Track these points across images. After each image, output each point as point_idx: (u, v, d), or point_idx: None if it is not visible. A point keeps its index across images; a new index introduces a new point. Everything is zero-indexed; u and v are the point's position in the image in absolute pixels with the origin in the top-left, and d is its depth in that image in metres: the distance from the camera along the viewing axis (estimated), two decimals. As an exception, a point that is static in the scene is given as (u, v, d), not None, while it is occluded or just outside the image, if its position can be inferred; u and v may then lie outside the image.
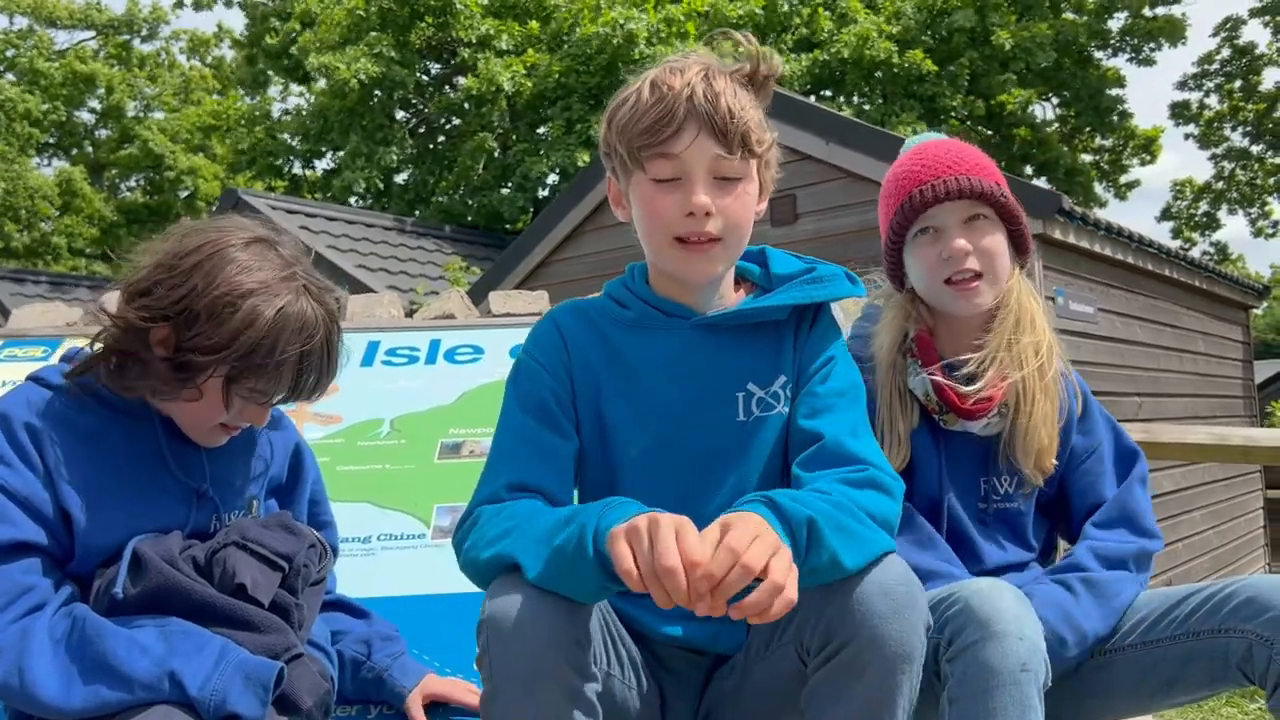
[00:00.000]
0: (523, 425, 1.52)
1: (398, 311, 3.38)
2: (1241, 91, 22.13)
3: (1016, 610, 1.43)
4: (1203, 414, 8.86)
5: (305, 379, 1.50)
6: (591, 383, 1.56)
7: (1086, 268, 6.97)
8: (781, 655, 1.41)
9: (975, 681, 1.39)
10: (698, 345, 1.55)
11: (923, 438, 1.78)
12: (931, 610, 1.47)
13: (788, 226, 7.18)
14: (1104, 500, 1.83)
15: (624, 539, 1.17)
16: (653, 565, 1.13)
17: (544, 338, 1.60)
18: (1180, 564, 8.08)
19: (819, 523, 1.24)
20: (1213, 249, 24.42)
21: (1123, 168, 20.40)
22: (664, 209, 1.48)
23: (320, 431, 2.79)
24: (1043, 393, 1.76)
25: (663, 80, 1.47)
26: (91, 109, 25.51)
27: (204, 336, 1.43)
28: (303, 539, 1.54)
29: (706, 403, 1.54)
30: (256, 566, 1.45)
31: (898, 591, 1.26)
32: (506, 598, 1.25)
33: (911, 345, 1.80)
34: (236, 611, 1.40)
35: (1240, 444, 3.56)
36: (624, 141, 1.49)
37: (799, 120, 7.13)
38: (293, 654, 1.41)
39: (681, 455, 1.53)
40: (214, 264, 1.45)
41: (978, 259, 1.75)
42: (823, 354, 1.57)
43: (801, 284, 1.59)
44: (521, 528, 1.33)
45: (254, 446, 1.66)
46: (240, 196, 10.39)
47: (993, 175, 1.79)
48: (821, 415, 1.50)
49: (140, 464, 1.52)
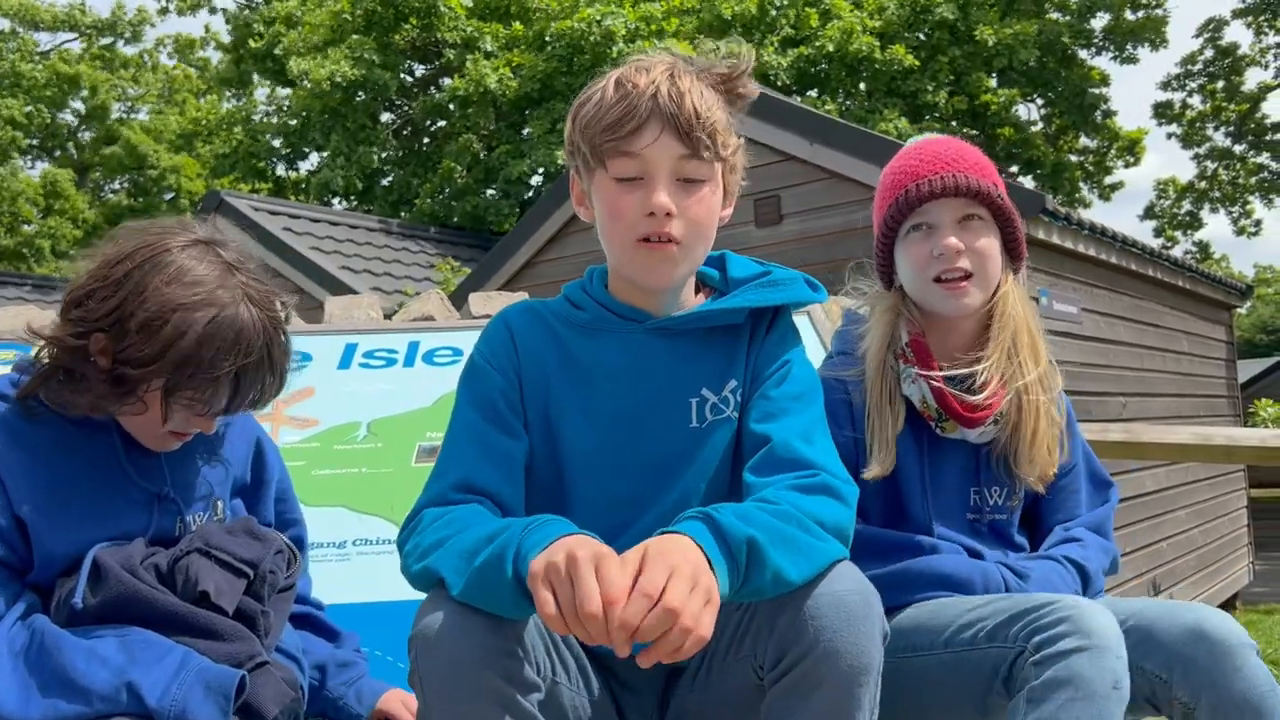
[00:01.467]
0: (472, 425, 1.50)
1: (377, 314, 3.35)
2: (1224, 92, 22.25)
3: (1116, 631, 1.42)
4: (1187, 414, 8.88)
5: (247, 388, 1.46)
6: (541, 383, 1.54)
7: (1070, 268, 6.97)
8: (738, 669, 1.38)
9: (1065, 687, 1.37)
10: (652, 350, 1.53)
11: (908, 444, 1.75)
12: (1010, 621, 1.47)
13: (772, 227, 7.16)
14: (1069, 516, 1.84)
15: (543, 581, 1.13)
16: (574, 609, 1.10)
17: (494, 337, 1.58)
18: (1165, 563, 8.10)
19: (759, 541, 1.20)
20: (1195, 248, 24.55)
21: (1107, 169, 20.47)
22: (625, 207, 1.45)
23: (297, 435, 2.75)
24: (1047, 400, 1.75)
25: (628, 78, 1.45)
26: (75, 110, 25.38)
27: (135, 349, 1.38)
28: (268, 544, 1.51)
29: (660, 408, 1.52)
30: (220, 573, 1.42)
31: (850, 601, 1.24)
32: (434, 613, 1.23)
33: (904, 349, 1.76)
34: (199, 620, 1.37)
35: (1223, 444, 3.55)
36: (586, 139, 1.47)
37: (783, 121, 7.12)
38: (257, 662, 1.38)
39: (632, 460, 1.50)
40: (145, 272, 1.41)
41: (969, 259, 1.72)
42: (779, 358, 1.54)
43: (757, 287, 1.57)
44: (452, 540, 1.30)
45: (214, 446, 1.63)
46: (223, 198, 10.32)
47: (991, 176, 1.77)
48: (774, 419, 1.47)
49: (98, 471, 1.49)
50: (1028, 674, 1.42)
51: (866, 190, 6.64)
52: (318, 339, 3.14)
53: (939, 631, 1.58)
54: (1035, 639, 1.43)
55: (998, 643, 1.48)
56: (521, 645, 1.25)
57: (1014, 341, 1.74)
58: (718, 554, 1.18)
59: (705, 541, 1.18)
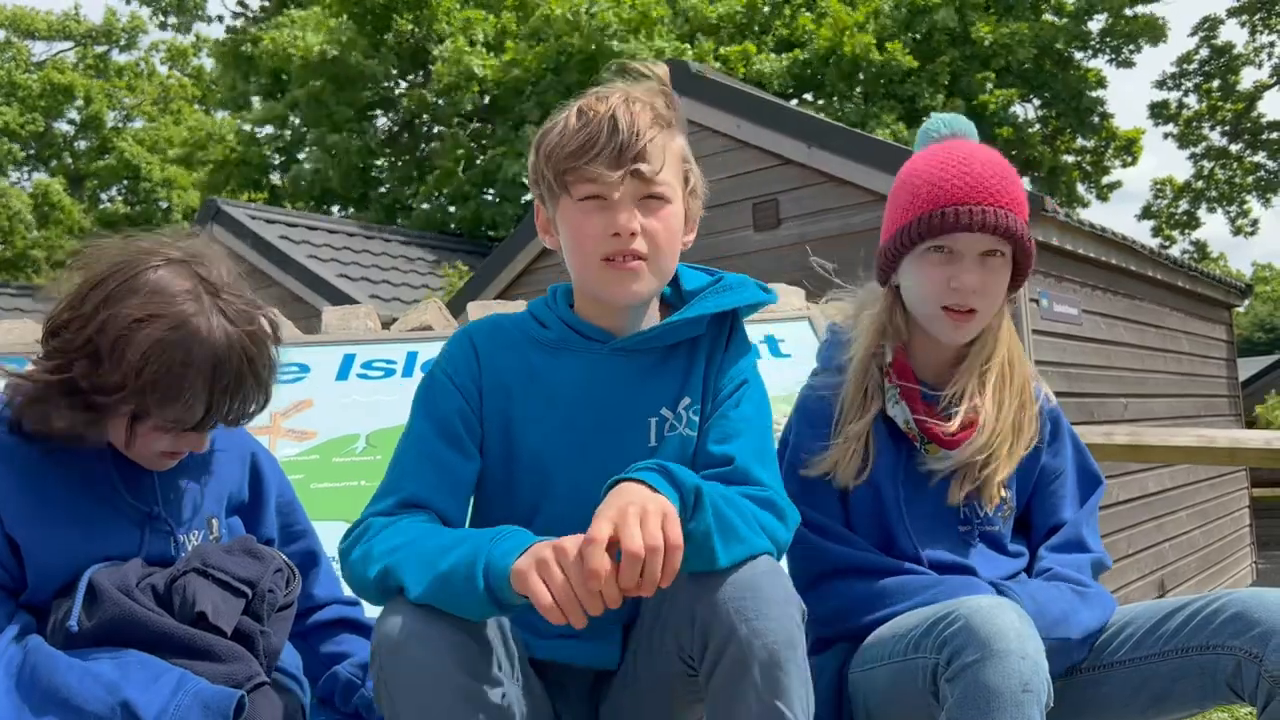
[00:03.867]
0: (426, 441, 1.52)
1: (374, 323, 3.33)
2: (1220, 91, 22.24)
3: (1019, 629, 1.39)
4: (1188, 414, 8.87)
5: (224, 404, 1.43)
6: (503, 398, 1.56)
7: (1070, 269, 6.96)
8: (663, 659, 1.42)
9: (976, 703, 1.36)
10: (615, 370, 1.56)
11: (890, 463, 1.74)
12: (928, 631, 1.47)
13: (770, 231, 7.15)
14: (1063, 522, 1.82)
15: (535, 574, 1.20)
16: (572, 593, 1.18)
17: (457, 352, 1.60)
18: (1168, 564, 8.08)
19: (705, 494, 1.29)
20: (1193, 248, 24.55)
21: (1104, 169, 20.48)
22: (589, 230, 1.50)
23: (294, 448, 2.73)
24: (1011, 430, 1.73)
25: (588, 107, 1.50)
26: (70, 120, 25.35)
27: (104, 375, 1.37)
28: (267, 563, 1.48)
29: (619, 429, 1.55)
30: (218, 593, 1.40)
31: (764, 585, 1.29)
32: (395, 619, 1.26)
33: (888, 368, 1.75)
34: (196, 641, 1.35)
35: (1227, 445, 3.54)
36: (550, 166, 1.51)
37: (780, 124, 7.10)
38: (256, 683, 1.36)
39: (587, 477, 1.49)
40: (118, 297, 1.39)
41: (981, 299, 1.69)
42: (737, 377, 1.59)
43: (712, 294, 1.61)
44: (409, 546, 1.34)
45: (207, 464, 1.61)
46: (220, 207, 10.30)
47: (1023, 209, 1.71)
48: (732, 440, 1.52)
49: (89, 490, 1.48)
50: (945, 693, 1.42)
51: (865, 194, 6.62)
52: (315, 350, 3.12)
53: (887, 641, 1.58)
54: (945, 650, 1.42)
55: (921, 653, 1.48)
56: (485, 643, 1.29)
57: (988, 365, 1.73)
58: (668, 489, 1.27)
59: (653, 479, 1.27)
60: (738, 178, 7.26)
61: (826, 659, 1.70)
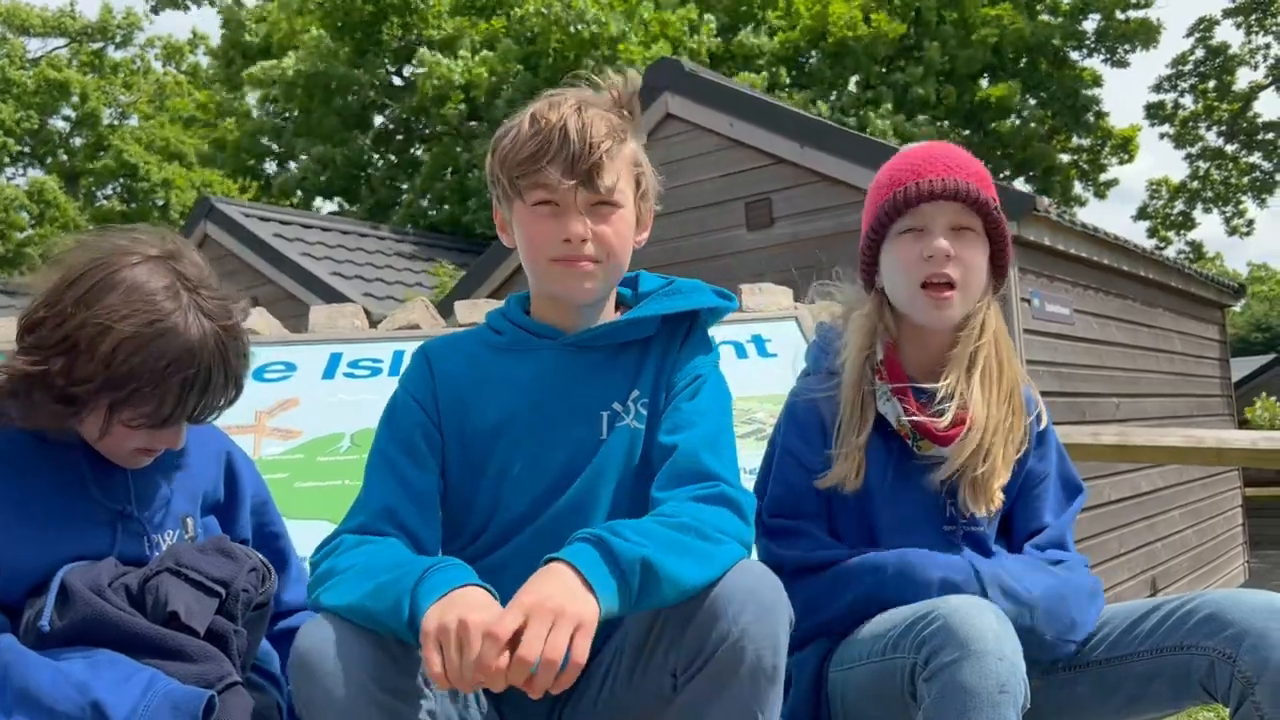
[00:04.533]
0: (392, 460, 1.56)
1: (362, 321, 3.32)
2: (1215, 91, 22.26)
3: (996, 629, 1.39)
4: (1181, 414, 8.88)
5: (197, 399, 1.46)
6: (458, 404, 1.59)
7: (1062, 269, 6.96)
8: (647, 682, 1.41)
9: (952, 703, 1.36)
10: (566, 365, 1.60)
11: (879, 460, 1.74)
12: (906, 630, 1.47)
13: (764, 230, 7.14)
14: (1044, 525, 1.82)
15: (434, 642, 1.20)
16: (459, 671, 1.18)
17: (414, 371, 1.65)
18: (1160, 563, 8.09)
19: (653, 559, 1.27)
20: (1189, 248, 24.56)
21: (1101, 167, 20.50)
22: (542, 235, 1.54)
23: (279, 447, 2.73)
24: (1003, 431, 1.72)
25: (541, 114, 1.53)
26: (66, 117, 25.30)
27: (80, 368, 1.39)
28: (241, 563, 1.48)
29: (570, 422, 1.57)
30: (191, 593, 1.40)
31: (759, 589, 1.30)
32: (314, 632, 1.27)
33: (879, 365, 1.75)
34: (168, 641, 1.35)
35: (1214, 445, 3.55)
36: (505, 172, 1.56)
37: (774, 124, 7.10)
38: (227, 683, 1.35)
39: (543, 473, 1.56)
40: (95, 294, 1.41)
41: (956, 269, 1.69)
42: (693, 373, 1.61)
43: (662, 296, 1.65)
44: (350, 572, 1.36)
45: (182, 463, 1.61)
46: (213, 204, 10.28)
47: (989, 188, 1.73)
48: (681, 430, 1.53)
49: (61, 488, 1.49)
50: (922, 692, 1.42)
51: (858, 193, 6.61)
52: (301, 349, 3.11)
53: (866, 641, 1.59)
54: (924, 650, 1.43)
55: (900, 653, 1.49)
56: (407, 657, 1.29)
57: (974, 359, 1.72)
58: (604, 573, 1.24)
59: (590, 564, 1.25)
60: (730, 177, 7.26)
61: (807, 656, 1.70)
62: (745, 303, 3.35)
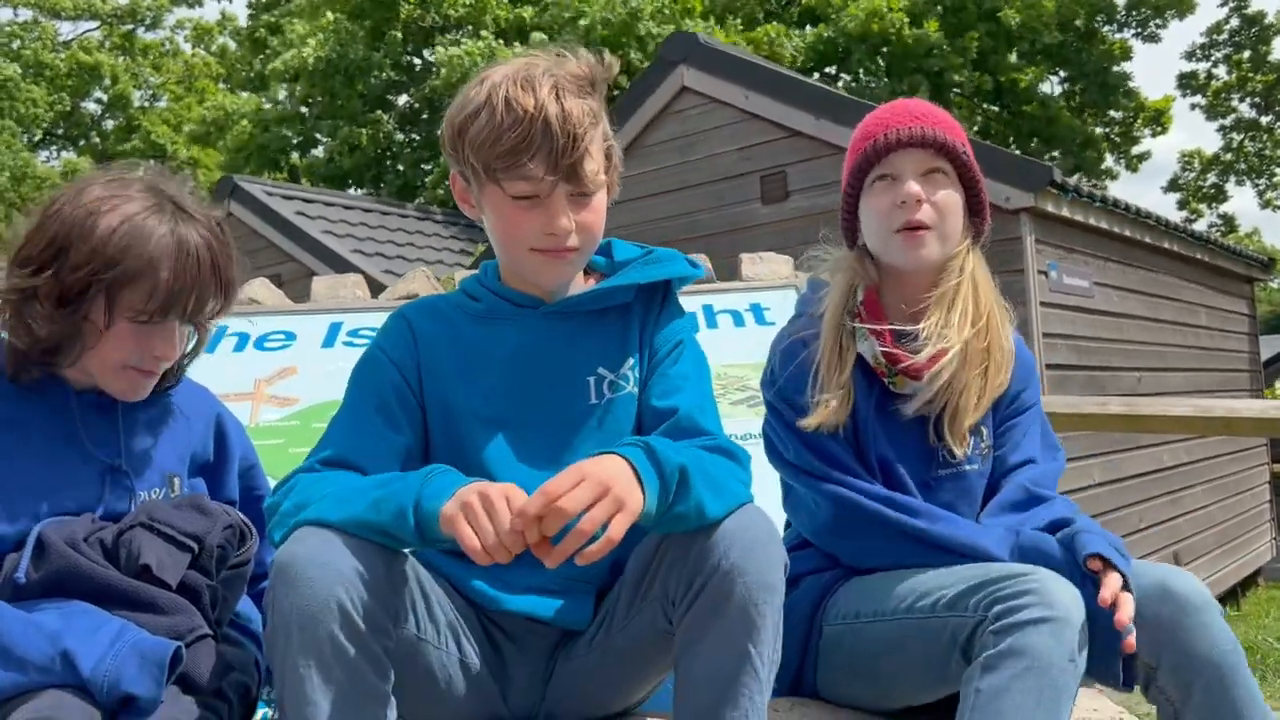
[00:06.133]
0: (360, 414, 1.55)
1: (363, 292, 3.36)
2: (1250, 62, 21.87)
3: (1080, 607, 1.43)
4: (1205, 388, 8.78)
5: (188, 294, 1.50)
6: (440, 374, 1.58)
7: (1081, 241, 6.89)
8: (646, 617, 1.44)
9: (1023, 657, 1.38)
10: (547, 333, 1.60)
11: (862, 396, 1.74)
12: (974, 590, 1.47)
13: (779, 204, 7.12)
14: (1028, 459, 1.78)
15: (463, 519, 1.24)
16: (497, 538, 1.22)
17: (394, 332, 1.63)
18: (1183, 539, 8.03)
19: (690, 469, 1.31)
20: (1221, 221, 24.22)
21: (1133, 140, 20.22)
22: (523, 225, 1.51)
23: (276, 413, 2.77)
24: (977, 364, 1.72)
25: (516, 99, 1.45)
26: (97, 99, 25.55)
27: (74, 254, 1.45)
28: (215, 519, 1.50)
29: (558, 388, 1.58)
30: (163, 547, 1.42)
31: (755, 527, 1.34)
32: (298, 542, 1.29)
33: (859, 306, 1.76)
34: (139, 593, 1.37)
35: (1223, 415, 3.51)
36: (478, 158, 1.49)
37: (789, 97, 7.06)
38: (197, 635, 1.38)
39: (535, 440, 1.56)
40: (78, 200, 1.49)
41: (930, 212, 1.72)
42: (672, 338, 1.63)
43: (641, 265, 1.65)
44: (334, 493, 1.37)
45: (171, 421, 1.64)
46: (236, 183, 10.38)
47: (958, 135, 1.77)
48: (674, 394, 1.57)
49: (53, 444, 1.51)
50: (985, 641, 1.42)
51: (873, 165, 6.57)
52: (302, 318, 3.15)
53: (900, 598, 1.58)
54: (996, 608, 1.43)
55: (957, 611, 1.48)
56: (389, 586, 1.31)
57: (953, 297, 1.73)
58: (650, 472, 1.28)
59: (638, 460, 1.28)
60: (745, 150, 7.23)
61: (799, 597, 1.70)
62: (745, 272, 3.35)
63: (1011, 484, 1.75)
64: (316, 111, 15.85)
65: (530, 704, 1.58)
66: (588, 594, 1.56)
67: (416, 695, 1.45)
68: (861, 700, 1.70)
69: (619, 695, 1.60)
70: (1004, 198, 6.12)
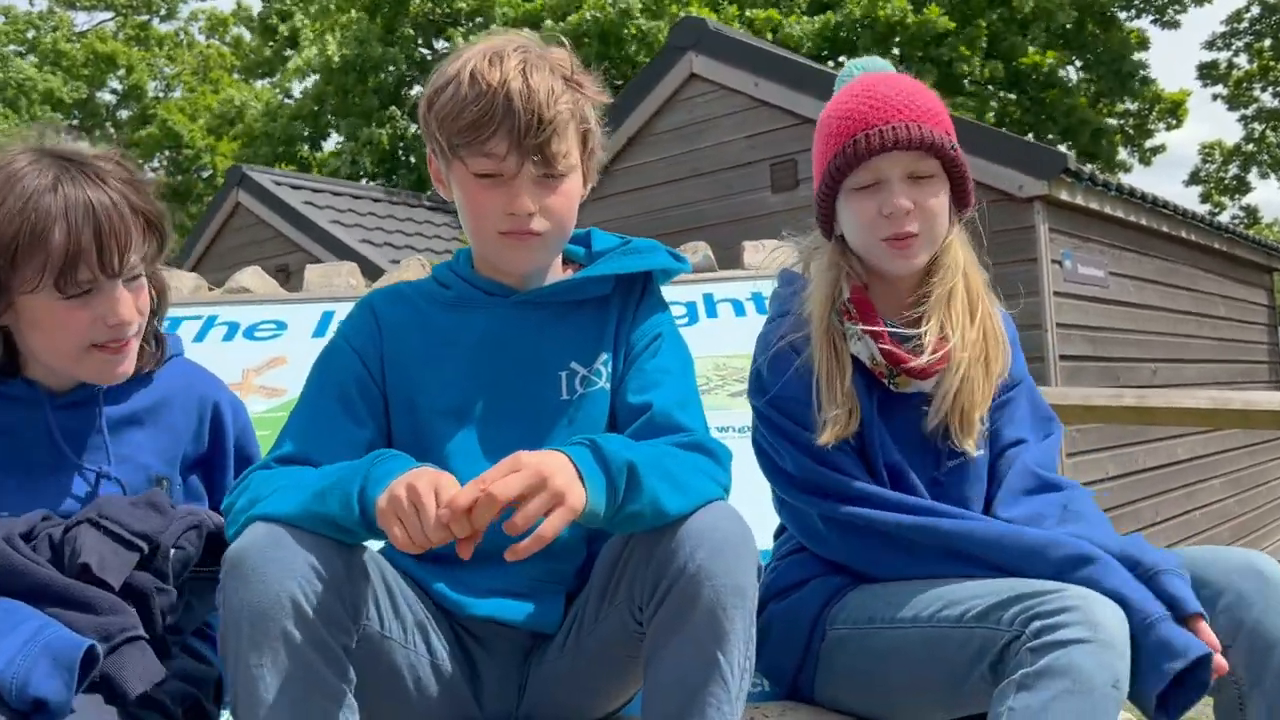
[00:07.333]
0: (319, 406, 1.49)
1: (357, 280, 3.29)
2: (1272, 51, 21.58)
3: (1124, 628, 1.35)
4: (1223, 379, 8.66)
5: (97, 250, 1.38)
6: (405, 363, 1.53)
7: (1096, 230, 6.78)
8: (615, 620, 1.38)
9: (1063, 678, 1.29)
10: (518, 323, 1.54)
11: (865, 402, 1.65)
12: (1008, 603, 1.39)
13: (788, 192, 7.02)
14: (1019, 439, 1.71)
15: (391, 516, 1.19)
16: (422, 532, 1.17)
17: (358, 321, 1.57)
18: (1199, 532, 7.92)
19: (639, 466, 1.25)
20: (1243, 213, 23.95)
21: (1148, 132, 19.99)
22: (486, 204, 1.45)
23: (264, 404, 2.71)
24: (978, 359, 1.64)
25: (481, 73, 1.40)
26: (113, 89, 25.62)
27: None
28: (170, 518, 1.43)
29: (528, 381, 1.52)
30: (109, 546, 1.35)
31: (724, 526, 1.27)
32: (249, 537, 1.23)
33: (847, 305, 1.66)
34: (73, 592, 1.30)
35: (1240, 408, 3.41)
36: (443, 133, 1.45)
37: (798, 84, 6.97)
38: (128, 636, 1.30)
39: (502, 435, 1.48)
40: None
41: (918, 219, 1.61)
42: (650, 331, 1.57)
43: (618, 255, 1.59)
44: (285, 486, 1.32)
45: (158, 413, 1.58)
46: (245, 173, 10.39)
47: (944, 124, 1.64)
48: (650, 390, 1.50)
49: (28, 452, 1.47)
50: (1022, 659, 1.34)
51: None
52: (293, 307, 3.10)
53: (923, 606, 1.49)
54: (1035, 624, 1.34)
55: (988, 624, 1.39)
56: (346, 581, 1.26)
57: (950, 295, 1.65)
58: (593, 470, 1.23)
59: (580, 456, 1.24)
60: (755, 138, 7.15)
61: (805, 599, 1.63)
62: (747, 260, 3.29)
63: (1017, 469, 1.68)
64: (331, 108, 15.82)
65: (505, 708, 1.52)
66: (557, 595, 1.50)
67: (383, 695, 1.39)
68: (862, 710, 1.61)
69: (597, 700, 1.54)
70: (1017, 185, 6.01)
